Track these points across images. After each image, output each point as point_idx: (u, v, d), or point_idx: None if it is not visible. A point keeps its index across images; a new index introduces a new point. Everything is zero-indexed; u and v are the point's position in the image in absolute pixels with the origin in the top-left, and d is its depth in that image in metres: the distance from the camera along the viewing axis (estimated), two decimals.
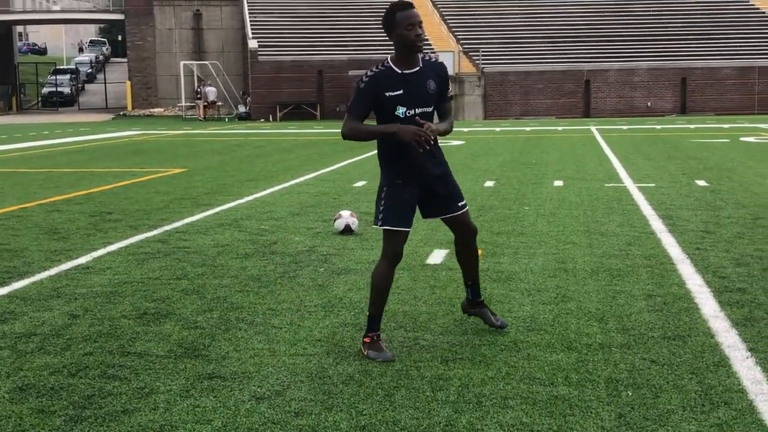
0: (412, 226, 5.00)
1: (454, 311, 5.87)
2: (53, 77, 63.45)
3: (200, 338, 5.31)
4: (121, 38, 71.47)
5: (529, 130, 31.13)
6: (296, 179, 14.78)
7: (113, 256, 8.07)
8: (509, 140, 25.25)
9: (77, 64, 73.44)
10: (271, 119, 44.14)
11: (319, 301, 6.22)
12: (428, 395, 4.30)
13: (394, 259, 4.95)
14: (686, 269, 7.10)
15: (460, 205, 5.14)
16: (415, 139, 4.72)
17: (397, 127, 4.79)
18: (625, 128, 31.21)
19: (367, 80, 4.83)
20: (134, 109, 53.65)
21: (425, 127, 4.76)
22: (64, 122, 44.29)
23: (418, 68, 4.89)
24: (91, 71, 73.65)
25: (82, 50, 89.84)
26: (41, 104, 62.72)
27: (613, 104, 43.91)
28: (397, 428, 3.91)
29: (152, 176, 15.72)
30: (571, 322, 5.58)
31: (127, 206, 11.50)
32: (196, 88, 48.07)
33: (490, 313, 5.43)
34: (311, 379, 4.55)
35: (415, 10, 4.82)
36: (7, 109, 57.43)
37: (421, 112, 4.89)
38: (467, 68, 44.35)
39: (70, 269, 7.46)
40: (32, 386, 4.49)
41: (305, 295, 6.41)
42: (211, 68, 50.56)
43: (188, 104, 48.57)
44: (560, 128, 32.17)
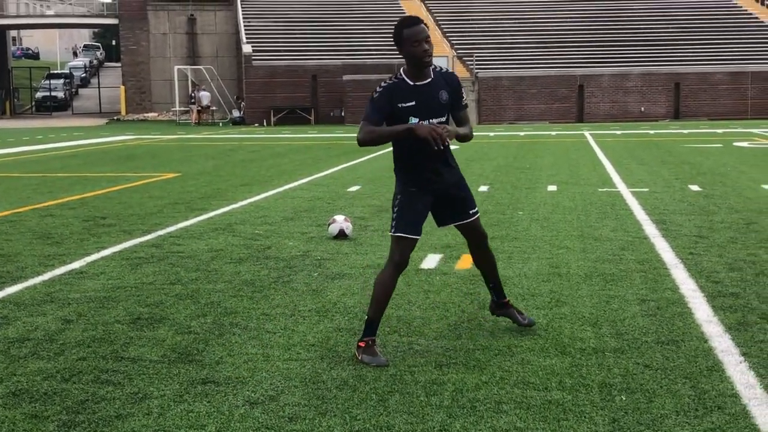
0: (421, 233, 5.10)
1: (448, 316, 5.88)
2: (47, 82, 63.40)
3: (194, 343, 5.31)
4: (115, 43, 71.40)
5: (522, 134, 31.17)
6: (290, 184, 14.78)
7: (107, 260, 8.05)
8: (503, 145, 25.28)
9: (71, 68, 73.39)
10: (265, 124, 44.16)
11: (313, 305, 6.22)
12: (422, 400, 4.30)
13: (400, 265, 5.03)
14: (680, 274, 7.12)
15: (471, 212, 5.28)
16: (431, 134, 4.80)
17: (412, 124, 4.88)
18: (618, 133, 31.28)
19: (380, 91, 4.95)
20: (128, 113, 53.63)
21: (442, 127, 4.85)
22: (57, 127, 44.23)
23: (429, 80, 5.00)
24: (85, 76, 73.63)
25: (76, 55, 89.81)
26: (35, 109, 62.67)
27: (606, 109, 44.02)
28: None
29: (146, 181, 15.71)
30: (564, 326, 5.59)
31: (120, 211, 11.49)
32: (190, 92, 48.05)
33: (516, 312, 5.56)
34: (305, 384, 4.55)
35: (421, 26, 4.91)
36: (0, 113, 57.35)
37: (434, 122, 5.00)
38: (461, 73, 44.37)
39: (63, 274, 7.45)
40: (25, 391, 4.48)
41: (299, 299, 6.41)
42: (205, 73, 50.56)
43: (182, 109, 48.55)
44: (554, 133, 32.22)
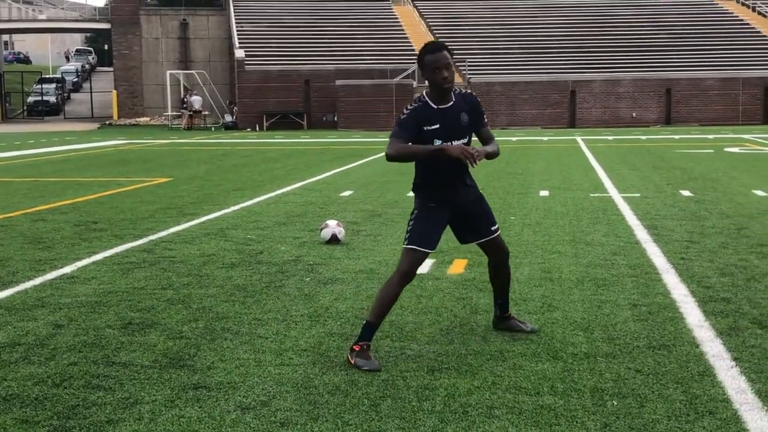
0: (434, 248, 5.18)
1: (440, 321, 5.88)
2: (39, 86, 63.24)
3: (185, 348, 5.30)
4: (107, 47, 71.25)
5: (515, 140, 31.21)
6: (283, 189, 14.77)
7: (98, 265, 8.04)
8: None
9: (63, 73, 73.22)
10: (257, 129, 44.11)
11: (305, 310, 6.21)
12: (414, 405, 4.29)
13: (407, 275, 5.07)
14: (671, 279, 7.13)
15: (492, 229, 5.41)
16: (463, 153, 4.90)
17: (443, 145, 5.00)
18: (610, 138, 31.35)
19: (408, 113, 5.06)
20: (120, 118, 53.52)
21: (471, 148, 4.96)
22: (49, 131, 44.13)
23: (451, 103, 5.12)
24: (77, 80, 73.44)
25: (68, 59, 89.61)
26: (27, 113, 62.48)
27: (598, 115, 44.11)
28: None
29: (138, 186, 15.68)
30: (556, 331, 5.59)
31: (112, 216, 11.46)
32: (182, 97, 48.01)
33: (518, 322, 5.62)
34: (297, 389, 4.54)
35: (443, 53, 5.01)
36: None
37: (457, 144, 5.09)
38: None
39: (54, 279, 7.43)
40: (16, 396, 4.47)
41: (291, 304, 6.41)
42: (197, 77, 50.51)
43: (174, 113, 48.50)
44: (546, 138, 32.28)
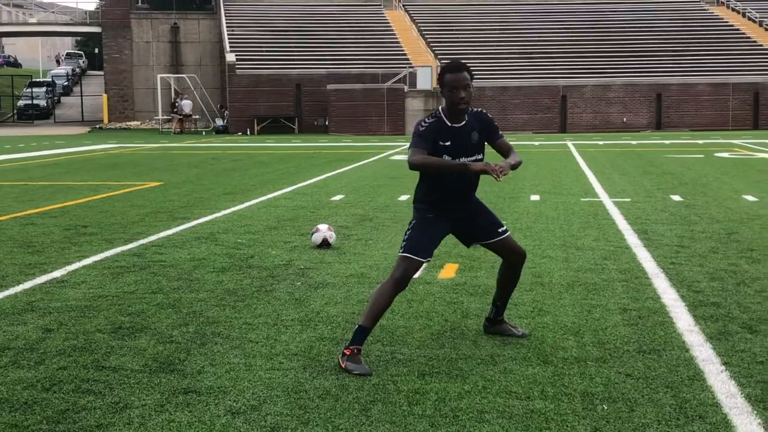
0: (430, 257, 5.21)
1: (431, 325, 5.88)
2: (29, 90, 63.06)
3: (176, 352, 5.28)
4: (98, 51, 71.15)
5: None
6: (273, 193, 14.76)
7: (88, 269, 8.01)
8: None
9: (53, 76, 73.01)
10: (248, 133, 44.09)
11: (295, 315, 6.21)
12: (405, 409, 4.29)
13: (399, 282, 5.08)
14: (661, 283, 7.15)
15: (500, 231, 5.44)
16: (488, 167, 4.96)
17: (468, 162, 5.10)
18: (601, 143, 31.43)
19: (426, 125, 5.14)
20: (110, 122, 53.44)
21: (496, 165, 4.99)
22: (39, 135, 44.01)
23: (464, 122, 5.21)
24: (67, 84, 73.26)
25: (58, 63, 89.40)
26: (17, 117, 62.27)
27: (589, 120, 44.23)
28: None
29: (128, 189, 15.65)
30: (547, 335, 5.60)
31: (102, 220, 11.43)
32: (173, 101, 47.94)
33: (510, 326, 5.64)
34: (287, 393, 4.54)
35: (463, 73, 5.09)
36: None
37: (465, 161, 5.17)
38: None
39: (44, 283, 7.41)
40: (5, 401, 4.45)
41: (282, 309, 6.40)
42: (188, 81, 50.45)
43: (165, 117, 48.43)
44: (537, 143, 32.35)
